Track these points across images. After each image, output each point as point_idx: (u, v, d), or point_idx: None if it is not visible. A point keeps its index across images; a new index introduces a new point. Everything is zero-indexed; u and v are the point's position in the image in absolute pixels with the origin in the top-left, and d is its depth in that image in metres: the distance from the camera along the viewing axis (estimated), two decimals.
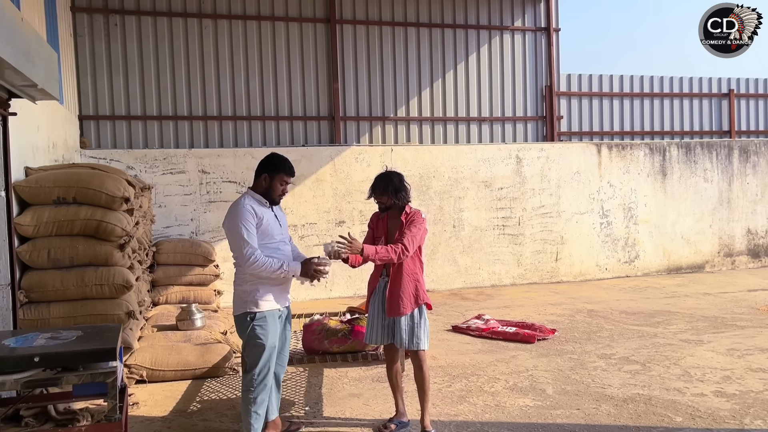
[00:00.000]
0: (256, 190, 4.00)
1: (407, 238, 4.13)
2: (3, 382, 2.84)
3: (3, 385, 2.85)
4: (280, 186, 3.99)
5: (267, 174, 3.96)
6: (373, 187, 4.29)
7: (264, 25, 10.07)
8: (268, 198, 3.99)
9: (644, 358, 5.87)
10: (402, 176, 4.34)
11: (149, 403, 4.94)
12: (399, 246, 4.10)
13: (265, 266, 3.76)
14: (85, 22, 9.26)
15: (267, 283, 3.86)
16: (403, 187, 4.26)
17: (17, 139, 4.96)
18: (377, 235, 4.40)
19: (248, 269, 3.80)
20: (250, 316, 3.84)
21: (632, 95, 12.31)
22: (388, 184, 4.23)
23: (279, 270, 3.79)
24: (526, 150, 10.44)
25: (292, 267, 3.87)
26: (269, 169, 3.97)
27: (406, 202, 4.28)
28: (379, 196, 4.27)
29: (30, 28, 4.02)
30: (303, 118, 10.28)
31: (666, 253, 11.14)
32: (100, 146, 9.31)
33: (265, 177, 3.96)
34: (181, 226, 8.84)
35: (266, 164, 4.00)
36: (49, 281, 4.93)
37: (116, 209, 5.26)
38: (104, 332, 3.30)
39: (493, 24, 11.26)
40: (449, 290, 9.83)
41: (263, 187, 3.98)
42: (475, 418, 4.51)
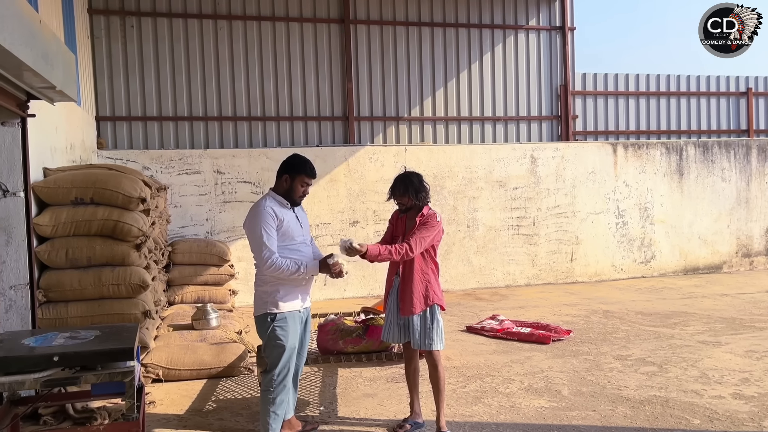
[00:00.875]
0: (277, 191, 4.01)
1: (415, 238, 4.13)
2: (23, 381, 2.87)
3: (22, 384, 2.88)
4: (300, 187, 4.00)
5: (288, 175, 3.98)
6: (392, 188, 4.29)
7: (279, 25, 10.10)
8: (288, 199, 4.01)
9: (661, 360, 5.82)
10: (421, 177, 4.33)
11: (165, 402, 4.98)
12: (404, 246, 4.10)
13: (283, 269, 3.78)
14: (102, 24, 9.34)
15: (287, 284, 3.88)
16: (423, 188, 4.26)
17: (36, 141, 5.02)
18: (396, 233, 4.42)
19: (266, 272, 3.82)
20: (271, 316, 3.86)
21: (648, 94, 12.20)
22: (408, 185, 4.22)
23: (297, 272, 3.82)
24: (541, 150, 10.39)
25: (310, 268, 3.90)
26: (290, 170, 3.99)
27: (426, 202, 4.28)
28: (399, 198, 4.27)
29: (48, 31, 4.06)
30: (317, 119, 10.30)
31: (683, 254, 11.03)
32: (116, 147, 9.39)
33: (286, 178, 3.98)
34: (197, 226, 8.90)
35: (287, 165, 4.02)
36: (67, 281, 4.98)
37: (133, 209, 5.31)
38: (122, 332, 3.33)
39: (508, 23, 11.21)
40: (463, 290, 9.81)
41: (284, 188, 3.99)
42: (490, 419, 4.50)
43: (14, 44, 3.21)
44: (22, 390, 3.02)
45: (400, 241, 4.29)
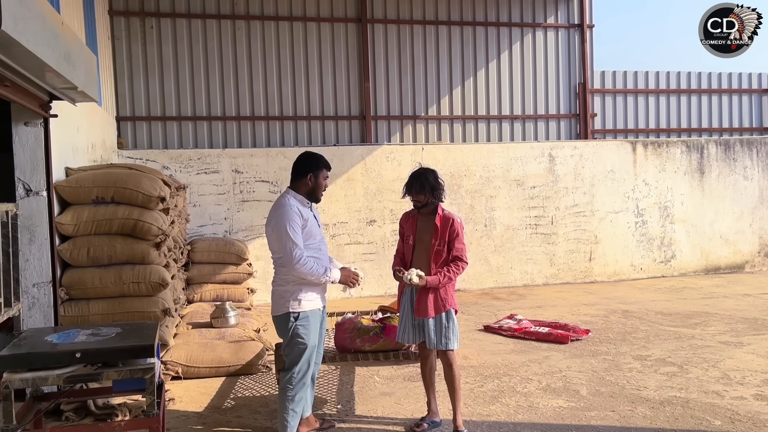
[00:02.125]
0: (297, 191, 4.03)
1: (461, 252, 4.23)
2: (46, 377, 2.92)
3: (45, 380, 2.93)
4: (324, 182, 4.07)
5: (312, 173, 4.00)
6: (408, 185, 4.26)
7: (296, 25, 10.14)
8: (313, 197, 4.05)
9: (681, 360, 5.75)
10: (437, 173, 4.31)
11: (185, 399, 5.03)
12: (459, 264, 4.21)
13: (312, 270, 3.83)
14: (123, 26, 9.44)
15: (309, 283, 3.91)
16: (439, 185, 4.24)
17: (58, 141, 5.09)
18: (406, 234, 4.40)
19: (294, 271, 3.83)
20: (294, 316, 3.88)
21: (668, 92, 12.05)
22: (424, 183, 4.20)
23: (323, 275, 3.87)
24: (559, 148, 10.32)
25: (334, 274, 3.96)
26: (313, 168, 4.02)
27: (441, 199, 4.27)
28: (415, 195, 4.24)
29: (70, 32, 4.12)
30: (334, 118, 10.33)
31: (704, 253, 10.89)
32: (136, 146, 9.49)
33: (310, 177, 4.00)
34: (215, 225, 8.97)
35: (308, 163, 4.04)
36: (88, 279, 5.05)
37: (152, 208, 5.37)
38: (142, 329, 3.37)
39: (526, 21, 11.14)
40: (481, 290, 9.78)
41: (309, 187, 4.02)
42: (508, 419, 4.48)
43: (37, 45, 3.26)
44: (45, 386, 3.07)
45: (412, 242, 4.32)
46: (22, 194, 4.70)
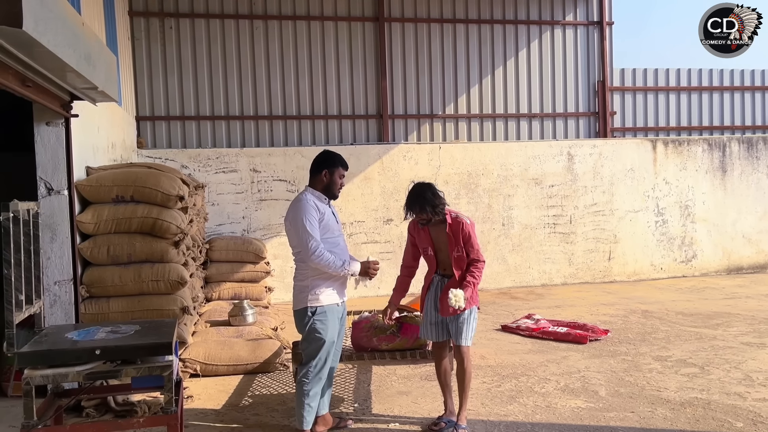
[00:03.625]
0: (314, 187, 4.09)
1: (476, 254, 4.22)
2: (66, 374, 2.96)
3: (66, 377, 2.97)
4: (339, 180, 4.10)
5: (327, 170, 4.06)
6: (408, 207, 4.21)
7: (313, 24, 10.16)
8: (328, 193, 4.09)
9: (703, 361, 5.67)
10: (433, 187, 4.23)
11: (203, 396, 5.06)
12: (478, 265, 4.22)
13: (329, 262, 3.86)
14: (142, 26, 9.53)
15: (327, 278, 3.94)
16: (438, 201, 4.16)
17: (79, 140, 5.16)
18: (422, 245, 4.37)
19: (312, 263, 3.88)
20: (312, 310, 3.92)
21: (690, 89, 11.88)
22: (423, 203, 4.13)
23: (341, 268, 3.90)
24: (578, 147, 10.23)
25: (353, 266, 3.99)
26: (329, 165, 4.07)
27: (444, 212, 4.22)
28: (418, 215, 4.21)
29: (91, 33, 4.16)
30: (351, 117, 10.33)
31: (726, 253, 10.73)
32: (155, 146, 9.58)
33: (325, 173, 4.05)
34: (233, 224, 9.03)
35: (324, 161, 4.10)
36: (108, 277, 5.11)
37: (171, 207, 5.41)
38: (161, 327, 3.40)
39: (544, 19, 11.06)
40: (498, 289, 9.73)
41: (324, 183, 4.07)
42: (525, 419, 4.45)
43: (58, 46, 3.30)
44: (66, 382, 3.10)
45: (431, 253, 4.33)
46: (43, 193, 4.77)
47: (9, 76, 3.46)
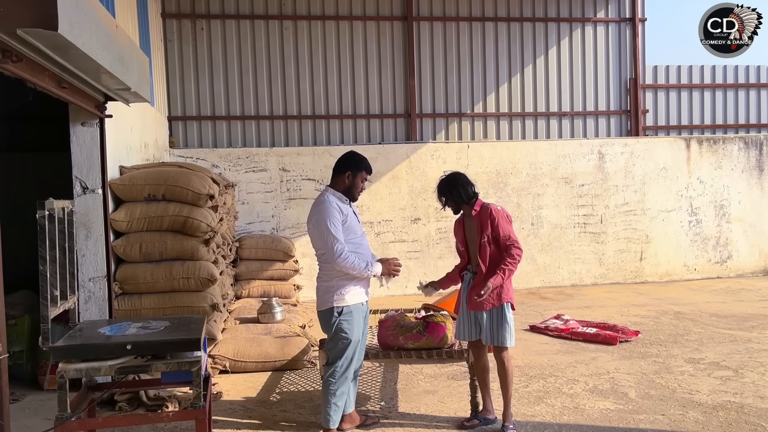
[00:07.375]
0: (336, 188, 4.10)
1: (508, 238, 4.17)
2: (99, 368, 3.03)
3: (98, 371, 3.05)
4: (361, 183, 4.11)
5: (350, 172, 4.06)
6: (440, 196, 4.28)
7: (342, 24, 10.20)
8: (349, 195, 4.10)
9: (737, 364, 5.55)
10: (464, 176, 4.29)
11: (231, 392, 5.14)
12: (512, 252, 4.15)
13: (353, 264, 3.88)
14: (174, 28, 9.69)
15: (353, 277, 3.97)
16: (464, 188, 4.21)
17: (113, 140, 5.28)
18: (458, 241, 4.43)
19: (337, 265, 3.90)
20: (338, 311, 3.94)
21: (725, 86, 11.60)
22: (452, 188, 4.21)
23: (365, 269, 3.92)
24: (609, 145, 10.09)
25: (376, 268, 4.01)
26: (353, 167, 4.08)
27: (472, 197, 4.24)
28: (451, 203, 4.27)
29: (124, 35, 4.26)
30: (379, 116, 10.35)
31: (762, 254, 10.47)
32: (187, 145, 9.73)
33: (348, 175, 4.06)
34: (263, 223, 9.13)
35: (348, 162, 4.10)
36: (140, 274, 5.21)
37: (202, 206, 5.50)
38: (190, 323, 3.46)
39: (575, 16, 10.92)
40: (527, 289, 9.65)
41: (346, 185, 4.08)
42: (553, 420, 4.42)
43: (93, 48, 3.39)
44: (98, 376, 3.18)
45: (464, 248, 4.35)
46: (79, 192, 4.89)
47: (45, 77, 3.56)
